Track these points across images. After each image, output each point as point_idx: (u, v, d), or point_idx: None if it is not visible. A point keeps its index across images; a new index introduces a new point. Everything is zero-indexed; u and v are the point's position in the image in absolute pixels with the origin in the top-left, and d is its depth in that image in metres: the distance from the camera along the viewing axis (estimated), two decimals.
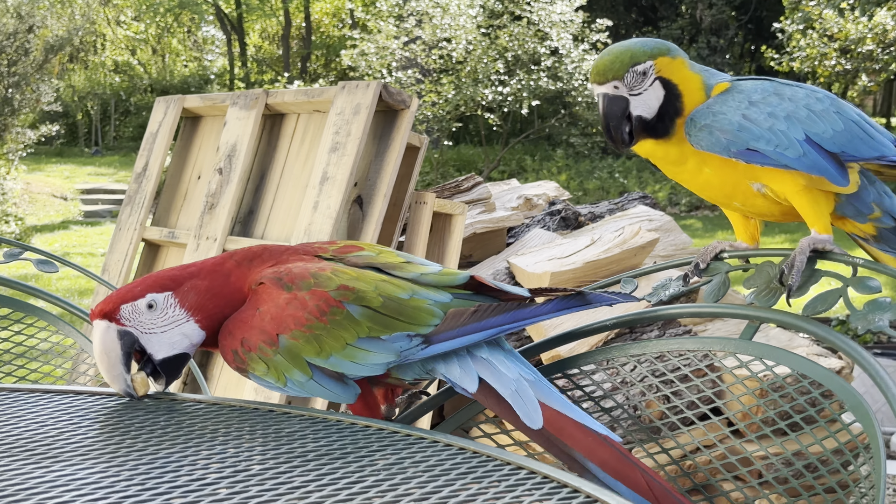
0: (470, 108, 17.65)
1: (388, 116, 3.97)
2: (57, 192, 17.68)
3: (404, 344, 1.45)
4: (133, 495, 1.11)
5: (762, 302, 1.42)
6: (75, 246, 13.02)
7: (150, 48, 31.52)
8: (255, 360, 1.49)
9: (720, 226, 15.60)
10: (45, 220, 15.70)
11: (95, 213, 16.76)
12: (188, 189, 4.67)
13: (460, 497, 1.14)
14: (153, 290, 1.52)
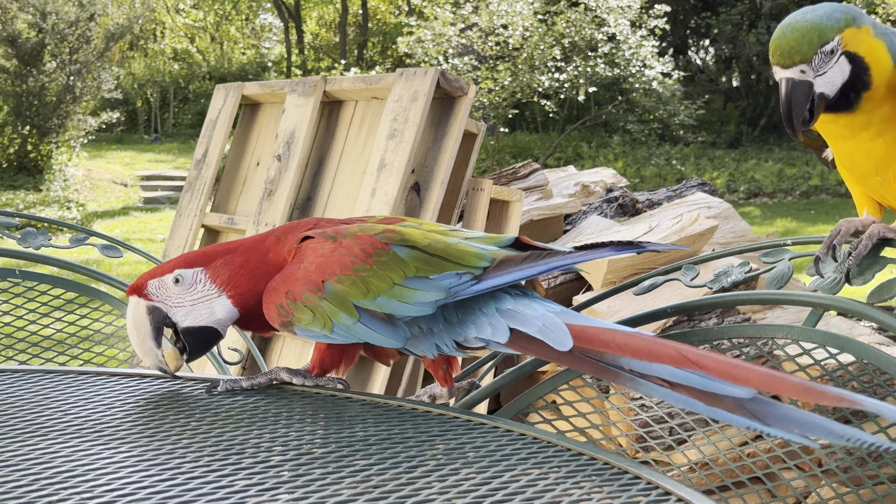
0: (526, 94, 17.61)
1: (446, 103, 3.97)
2: (117, 178, 17.91)
3: (453, 281, 1.42)
4: (199, 476, 1.13)
5: (827, 289, 1.41)
6: (135, 232, 13.19)
7: (208, 36, 31.77)
8: (301, 310, 1.46)
9: (779, 213, 15.43)
10: (106, 206, 15.92)
11: (155, 199, 16.96)
12: (247, 175, 4.71)
13: (520, 482, 1.14)
14: (181, 266, 1.53)
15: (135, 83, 25.42)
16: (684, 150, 20.50)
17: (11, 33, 15.94)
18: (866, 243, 1.41)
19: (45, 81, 16.03)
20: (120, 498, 1.05)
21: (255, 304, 1.53)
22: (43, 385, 1.52)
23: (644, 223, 4.24)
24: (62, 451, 1.20)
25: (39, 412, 1.37)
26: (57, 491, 1.07)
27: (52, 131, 16.11)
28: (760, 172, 18.73)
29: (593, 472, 1.19)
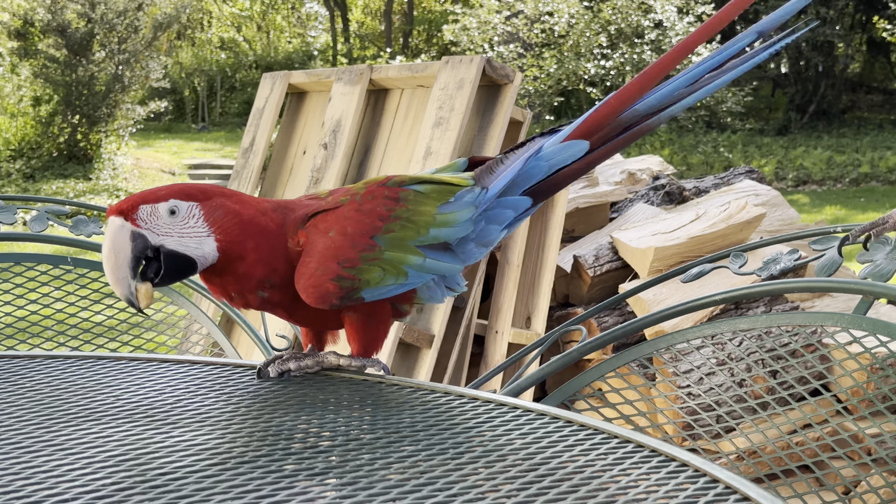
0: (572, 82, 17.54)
1: (492, 91, 3.97)
2: (165, 167, 18.08)
3: (471, 196, 1.50)
4: (249, 461, 1.14)
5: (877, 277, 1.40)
6: None
7: (254, 25, 31.93)
8: (367, 271, 1.44)
9: (827, 200, 15.27)
10: None
11: None
12: (294, 164, 4.74)
13: (567, 469, 1.15)
14: (178, 197, 1.43)
15: (182, 72, 25.62)
16: (731, 137, 20.33)
17: (61, 23, 16.13)
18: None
19: (95, 71, 16.20)
20: (172, 482, 1.07)
21: (234, 258, 1.46)
22: (95, 371, 1.54)
23: (691, 211, 4.22)
24: (115, 436, 1.22)
25: (92, 397, 1.40)
26: (110, 475, 1.08)
27: (101, 120, 16.29)
28: (809, 160, 18.54)
29: (640, 460, 1.19)
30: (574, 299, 4.29)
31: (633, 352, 1.72)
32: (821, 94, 23.02)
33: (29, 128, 16.47)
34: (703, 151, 19.12)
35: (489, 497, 1.05)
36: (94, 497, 1.02)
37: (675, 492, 1.09)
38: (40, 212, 2.21)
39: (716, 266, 1.63)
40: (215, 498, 1.02)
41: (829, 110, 23.21)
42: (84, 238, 2.20)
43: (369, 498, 1.04)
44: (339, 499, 1.04)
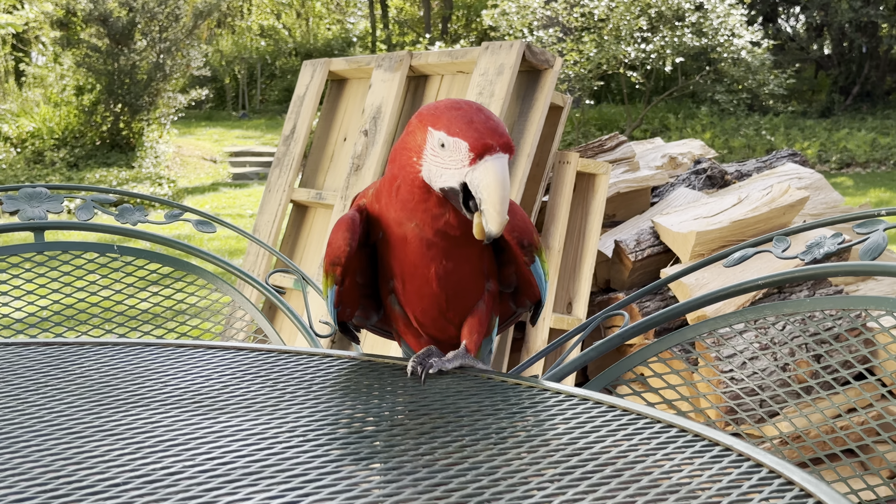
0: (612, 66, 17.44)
1: (532, 76, 3.96)
2: (206, 154, 18.19)
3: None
4: (295, 445, 1.16)
5: None
6: (224, 207, 13.39)
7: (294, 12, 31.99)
8: (540, 250, 1.57)
9: (872, 183, 15.10)
10: (196, 182, 16.19)
11: (243, 175, 17.19)
12: (335, 151, 4.75)
13: (611, 453, 1.15)
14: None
15: (222, 60, 25.74)
16: (774, 120, 20.14)
17: (103, 13, 16.26)
18: None
19: (136, 60, 16.32)
20: (220, 466, 1.08)
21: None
22: (143, 357, 1.56)
23: (733, 194, 4.19)
24: (164, 421, 1.24)
25: (140, 383, 1.42)
26: (160, 459, 1.10)
27: (143, 109, 16.42)
28: (853, 142, 18.34)
29: (684, 444, 1.19)
30: (615, 284, 4.28)
31: (675, 336, 1.72)
32: (864, 76, 22.75)
33: (72, 117, 16.63)
34: (745, 135, 18.97)
35: (533, 481, 1.06)
36: (145, 481, 1.04)
37: (718, 476, 1.10)
38: (86, 201, 2.24)
39: (758, 251, 1.63)
40: (263, 482, 1.04)
41: (873, 92, 22.93)
42: (129, 226, 2.23)
43: (414, 483, 1.05)
44: (384, 483, 1.06)
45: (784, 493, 1.05)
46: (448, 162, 1.40)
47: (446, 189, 1.41)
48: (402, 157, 1.46)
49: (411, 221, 1.47)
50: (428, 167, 1.42)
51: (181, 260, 2.29)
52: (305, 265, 4.67)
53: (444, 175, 1.41)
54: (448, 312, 1.58)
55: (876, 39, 22.99)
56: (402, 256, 1.51)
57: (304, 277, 2.22)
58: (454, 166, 1.39)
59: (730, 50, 17.94)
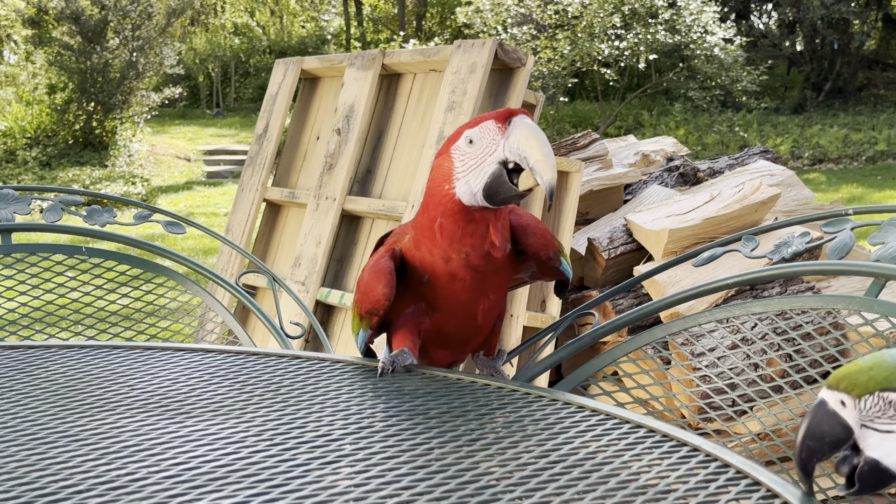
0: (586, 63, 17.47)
1: (504, 74, 3.96)
2: (180, 153, 18.11)
3: None
4: (262, 450, 1.15)
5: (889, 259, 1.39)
6: (198, 206, 13.33)
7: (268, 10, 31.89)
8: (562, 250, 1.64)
9: (844, 179, 15.19)
10: (170, 181, 16.11)
11: (217, 173, 17.12)
12: (307, 150, 4.74)
13: (580, 454, 1.15)
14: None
15: (196, 58, 25.62)
16: (747, 116, 20.23)
17: (75, 10, 16.15)
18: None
19: (109, 58, 16.22)
20: (186, 471, 1.07)
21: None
22: (110, 360, 1.55)
23: (705, 192, 4.20)
24: (129, 426, 1.23)
25: (107, 387, 1.40)
26: (125, 465, 1.09)
27: (116, 107, 16.32)
28: (825, 138, 18.44)
29: (652, 445, 1.19)
30: (589, 282, 4.28)
31: (644, 336, 1.72)
32: (836, 72, 22.88)
33: (44, 115, 16.51)
34: (719, 131, 19.04)
35: (501, 484, 1.06)
36: (109, 488, 1.03)
37: (686, 477, 1.09)
38: (55, 202, 2.22)
39: (727, 250, 1.63)
40: (228, 488, 1.03)
41: (845, 88, 23.07)
42: (98, 228, 2.21)
43: (380, 487, 1.05)
44: (352, 487, 1.05)
45: (751, 494, 1.05)
46: (482, 150, 1.45)
47: (488, 181, 1.45)
48: (434, 196, 1.50)
49: (460, 253, 1.50)
50: (462, 183, 1.47)
51: (151, 261, 2.28)
52: (279, 264, 4.65)
53: (482, 169, 1.45)
54: (476, 338, 1.65)
55: (847, 36, 23.13)
56: (450, 293, 1.55)
57: (275, 278, 2.21)
58: (489, 151, 1.45)
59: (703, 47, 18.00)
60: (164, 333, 2.25)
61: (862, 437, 0.97)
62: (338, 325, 4.16)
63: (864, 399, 0.96)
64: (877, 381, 0.95)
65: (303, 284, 4.20)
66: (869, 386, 0.95)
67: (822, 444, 0.97)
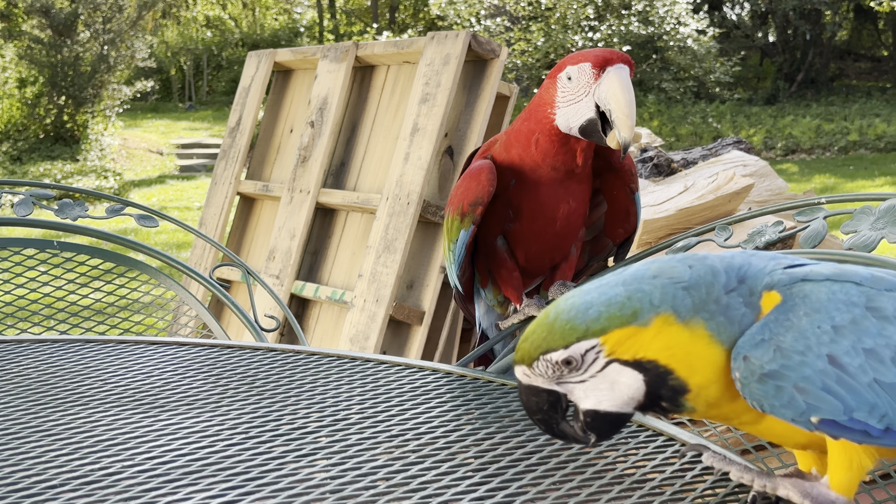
0: (560, 55, 17.49)
1: (478, 66, 3.96)
2: (153, 147, 18.01)
3: None
4: (237, 443, 1.14)
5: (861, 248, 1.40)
6: (172, 200, 13.27)
7: (240, 2, 31.74)
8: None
9: (817, 169, 15.29)
10: (143, 174, 16.02)
11: (191, 167, 17.05)
12: (281, 143, 4.72)
13: (554, 446, 1.15)
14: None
15: (168, 51, 25.48)
16: (720, 107, 20.32)
17: (45, 4, 16.03)
18: None
19: (80, 51, 16.12)
20: (159, 466, 1.07)
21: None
22: (83, 354, 1.54)
23: (679, 183, 4.22)
24: (103, 420, 1.22)
25: (80, 382, 1.39)
26: (98, 459, 1.08)
27: (87, 101, 16.22)
28: (798, 128, 18.55)
29: (628, 435, 1.19)
30: None
31: None
32: (809, 63, 23.01)
33: (15, 110, 16.39)
34: (692, 122, 19.11)
35: (476, 476, 1.06)
36: (83, 482, 1.02)
37: (662, 466, 1.10)
38: (25, 196, 2.20)
39: (701, 239, 1.63)
40: (203, 482, 1.03)
41: (818, 79, 23.21)
42: (70, 222, 2.19)
43: (357, 479, 1.04)
44: (329, 479, 1.04)
45: (728, 482, 1.05)
46: (577, 91, 1.54)
47: (584, 124, 1.54)
48: (538, 113, 1.61)
49: (550, 166, 1.62)
50: (562, 113, 1.57)
51: (124, 255, 2.26)
52: (253, 257, 4.64)
53: (578, 109, 1.54)
54: (554, 251, 1.73)
55: (820, 27, 23.26)
56: (534, 196, 1.65)
57: (249, 271, 2.20)
58: (583, 93, 1.54)
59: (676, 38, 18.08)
60: (138, 328, 2.24)
61: (568, 392, 0.97)
62: (312, 318, 4.15)
63: (534, 366, 0.96)
64: (536, 346, 0.95)
65: (277, 278, 4.19)
66: (532, 353, 0.95)
67: (545, 413, 0.97)
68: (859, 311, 0.94)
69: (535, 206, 1.66)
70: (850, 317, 0.93)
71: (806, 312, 0.94)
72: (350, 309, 3.80)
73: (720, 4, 25.63)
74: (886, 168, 14.94)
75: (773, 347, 0.92)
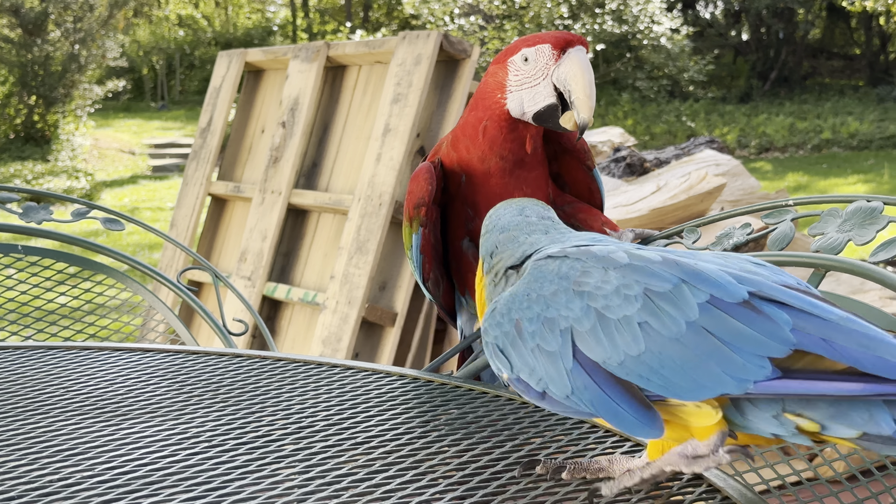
0: None
1: (450, 66, 3.95)
2: (125, 147, 17.90)
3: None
4: (199, 452, 1.12)
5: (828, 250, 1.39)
6: (144, 200, 13.19)
7: (213, 0, 31.62)
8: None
9: (790, 167, 15.36)
10: (115, 175, 15.91)
11: (163, 167, 16.95)
12: (252, 143, 4.69)
13: (522, 451, 1.14)
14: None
15: (140, 50, 25.34)
16: (694, 106, 20.39)
17: (15, 3, 15.90)
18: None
19: (50, 51, 16.00)
20: (121, 475, 1.05)
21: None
22: (46, 361, 1.52)
23: (652, 182, 4.22)
24: (63, 429, 1.20)
25: (41, 389, 1.37)
26: (58, 469, 1.07)
27: (58, 101, 16.10)
28: (771, 127, 18.64)
29: (595, 441, 1.18)
30: None
31: None
32: (782, 61, 23.12)
33: None
34: (667, 121, 19.17)
35: (442, 483, 1.05)
36: (41, 493, 1.00)
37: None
38: None
39: (670, 242, 1.63)
40: (164, 492, 1.01)
41: (791, 77, 23.32)
42: (35, 225, 2.17)
43: (321, 487, 1.03)
44: (293, 488, 1.03)
45: (694, 489, 1.05)
46: (534, 74, 1.51)
47: (542, 109, 1.51)
48: (485, 100, 1.57)
49: (498, 155, 1.58)
50: (514, 97, 1.53)
51: (90, 259, 2.23)
52: (225, 258, 4.61)
53: (534, 93, 1.51)
54: None
55: (792, 25, 23.38)
56: (486, 190, 1.61)
57: (217, 275, 2.18)
58: (541, 76, 1.51)
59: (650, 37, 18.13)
60: (104, 332, 2.21)
61: None
62: (285, 319, 4.12)
63: None
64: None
65: (249, 279, 4.16)
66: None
67: None
68: (565, 284, 0.99)
69: (489, 199, 1.61)
70: (554, 289, 0.99)
71: (527, 282, 1.02)
72: (322, 310, 3.79)
73: (694, 3, 25.72)
74: (859, 166, 15.03)
75: (492, 308, 1.04)
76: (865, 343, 0.88)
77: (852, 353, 0.87)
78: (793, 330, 0.89)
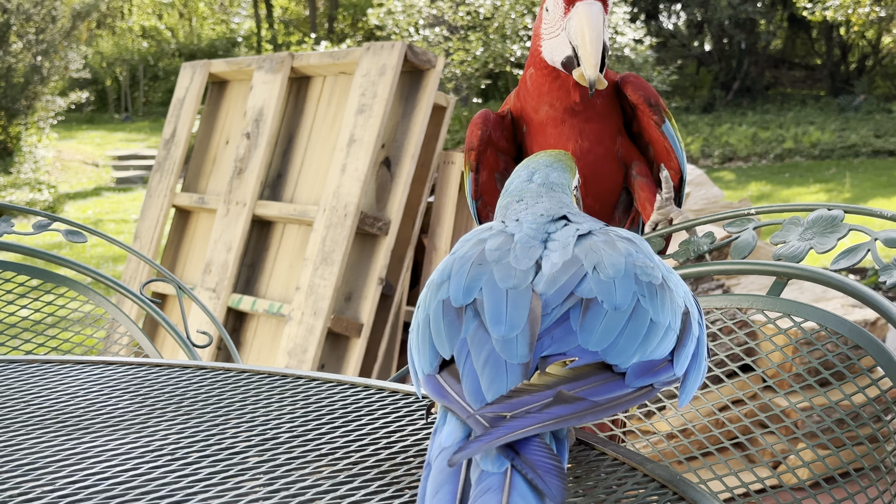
0: (499, 64, 17.55)
1: (414, 77, 3.95)
2: (88, 159, 17.77)
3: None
4: (162, 465, 1.11)
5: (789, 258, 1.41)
6: (108, 213, 13.10)
7: (177, 12, 31.49)
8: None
9: (753, 177, 15.47)
10: (78, 187, 15.79)
11: (127, 179, 16.84)
12: (217, 154, 4.68)
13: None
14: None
15: (103, 62, 25.20)
16: None
17: None
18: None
19: (12, 62, 15.86)
20: (82, 490, 1.04)
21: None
22: (6, 375, 1.50)
23: None
24: (23, 443, 1.19)
25: (1, 403, 1.36)
26: (17, 485, 1.05)
27: (20, 113, 15.96)
28: (734, 137, 18.77)
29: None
30: None
31: None
32: (744, 71, 23.31)
33: None
34: None
35: (408, 494, 1.04)
36: None
37: (594, 482, 1.09)
38: None
39: None
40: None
41: (753, 87, 23.51)
42: None
43: (286, 499, 1.02)
44: (259, 500, 1.02)
45: (660, 497, 1.05)
46: (554, 25, 1.51)
47: (564, 60, 1.51)
48: (532, 46, 1.58)
49: (547, 104, 1.56)
50: (546, 45, 1.53)
51: (52, 272, 2.22)
52: (189, 270, 4.58)
53: (557, 43, 1.51)
54: (586, 198, 1.63)
55: (754, 35, 23.58)
56: (542, 141, 1.59)
57: (181, 286, 2.17)
58: (559, 28, 1.50)
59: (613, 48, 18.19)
60: (67, 346, 2.19)
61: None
62: (250, 331, 4.11)
63: None
64: None
65: (214, 291, 4.14)
66: None
67: None
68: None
69: (544, 149, 1.55)
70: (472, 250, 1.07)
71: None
72: (288, 322, 3.77)
73: (657, 14, 25.89)
74: (821, 175, 15.16)
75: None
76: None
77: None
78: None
